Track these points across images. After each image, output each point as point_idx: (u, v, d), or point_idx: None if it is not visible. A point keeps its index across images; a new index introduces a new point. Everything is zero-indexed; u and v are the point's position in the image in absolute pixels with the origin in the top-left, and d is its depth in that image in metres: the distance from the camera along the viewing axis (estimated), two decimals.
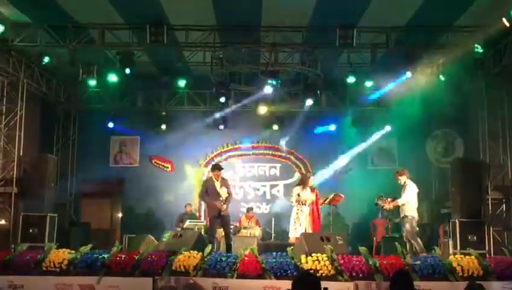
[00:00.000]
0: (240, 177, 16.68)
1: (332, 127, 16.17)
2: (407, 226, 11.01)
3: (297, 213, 12.07)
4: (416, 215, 11.07)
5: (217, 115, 16.10)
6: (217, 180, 11.46)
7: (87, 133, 16.34)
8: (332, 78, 14.85)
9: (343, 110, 15.81)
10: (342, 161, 16.25)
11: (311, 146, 16.43)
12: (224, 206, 11.18)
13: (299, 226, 11.92)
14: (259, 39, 12.93)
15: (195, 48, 13.32)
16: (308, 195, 12.10)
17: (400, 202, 11.07)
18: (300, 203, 12.06)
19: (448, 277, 8.33)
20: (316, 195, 12.41)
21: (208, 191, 11.41)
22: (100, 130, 16.18)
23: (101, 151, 16.64)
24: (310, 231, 11.59)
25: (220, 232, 13.78)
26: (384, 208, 11.78)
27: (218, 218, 11.31)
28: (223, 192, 11.33)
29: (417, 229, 11.29)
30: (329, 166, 16.13)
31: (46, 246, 9.58)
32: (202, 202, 11.47)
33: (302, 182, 12.35)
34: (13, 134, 13.31)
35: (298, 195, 12.10)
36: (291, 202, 12.22)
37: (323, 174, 15.92)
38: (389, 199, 11.29)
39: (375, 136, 16.19)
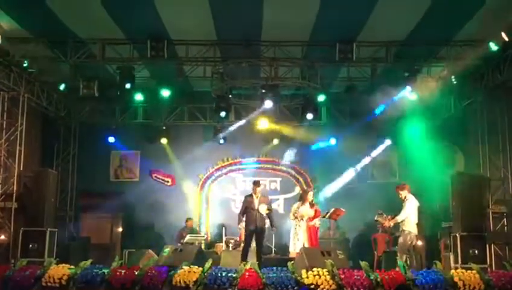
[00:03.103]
0: (240, 191, 16.60)
1: (332, 141, 16.17)
2: (401, 239, 11.04)
3: (295, 228, 12.18)
4: (414, 230, 11.02)
5: (218, 129, 16.13)
6: (256, 197, 11.73)
7: (88, 148, 16.35)
8: (333, 92, 14.88)
9: (343, 124, 15.82)
10: (348, 175, 16.28)
11: (311, 160, 16.45)
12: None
13: (297, 241, 12.00)
14: (259, 54, 12.97)
15: (196, 63, 13.37)
16: (306, 210, 12.18)
17: (398, 219, 11.04)
18: (298, 218, 12.14)
19: None
20: (316, 210, 12.46)
21: (246, 207, 11.73)
22: (100, 145, 16.20)
23: (101, 166, 16.64)
24: (307, 246, 11.63)
25: (219, 246, 13.84)
26: (384, 225, 11.75)
27: (253, 233, 11.60)
28: (262, 209, 11.60)
29: (416, 243, 11.24)
30: (336, 180, 16.22)
31: (46, 262, 9.53)
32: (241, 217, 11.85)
33: (301, 198, 12.49)
34: (14, 149, 13.30)
35: (295, 210, 12.22)
36: (290, 217, 12.34)
37: (331, 189, 16.10)
38: (389, 217, 11.25)
39: (377, 151, 16.21)
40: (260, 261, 10.90)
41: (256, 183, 12.02)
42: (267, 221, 11.93)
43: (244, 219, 11.82)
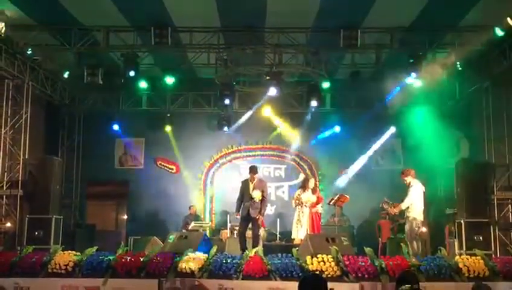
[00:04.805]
0: (244, 178, 16.62)
1: (337, 128, 16.13)
2: (407, 227, 10.99)
3: (298, 215, 12.24)
4: (419, 216, 10.95)
5: (222, 116, 16.12)
6: (252, 182, 11.62)
7: (92, 135, 16.38)
8: (337, 78, 14.83)
9: (347, 111, 15.77)
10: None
11: (316, 147, 16.43)
12: (256, 211, 11.36)
13: (300, 227, 12.05)
14: (263, 40, 12.93)
15: (200, 50, 13.33)
16: (308, 197, 12.21)
17: (403, 206, 10.96)
18: (301, 205, 12.15)
19: (454, 278, 8.32)
20: (318, 197, 12.48)
21: (242, 193, 11.64)
22: (105, 132, 16.21)
23: (106, 153, 16.64)
24: (309, 232, 11.70)
25: (224, 233, 13.89)
26: (389, 212, 11.73)
27: (247, 219, 11.48)
28: (256, 194, 11.42)
29: (421, 230, 11.21)
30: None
31: (52, 248, 9.62)
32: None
33: (303, 185, 12.51)
34: (18, 137, 13.35)
35: (297, 197, 12.25)
36: (292, 204, 12.39)
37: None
38: (395, 204, 11.21)
39: (383, 139, 16.18)
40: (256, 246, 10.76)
41: (253, 169, 11.88)
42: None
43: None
